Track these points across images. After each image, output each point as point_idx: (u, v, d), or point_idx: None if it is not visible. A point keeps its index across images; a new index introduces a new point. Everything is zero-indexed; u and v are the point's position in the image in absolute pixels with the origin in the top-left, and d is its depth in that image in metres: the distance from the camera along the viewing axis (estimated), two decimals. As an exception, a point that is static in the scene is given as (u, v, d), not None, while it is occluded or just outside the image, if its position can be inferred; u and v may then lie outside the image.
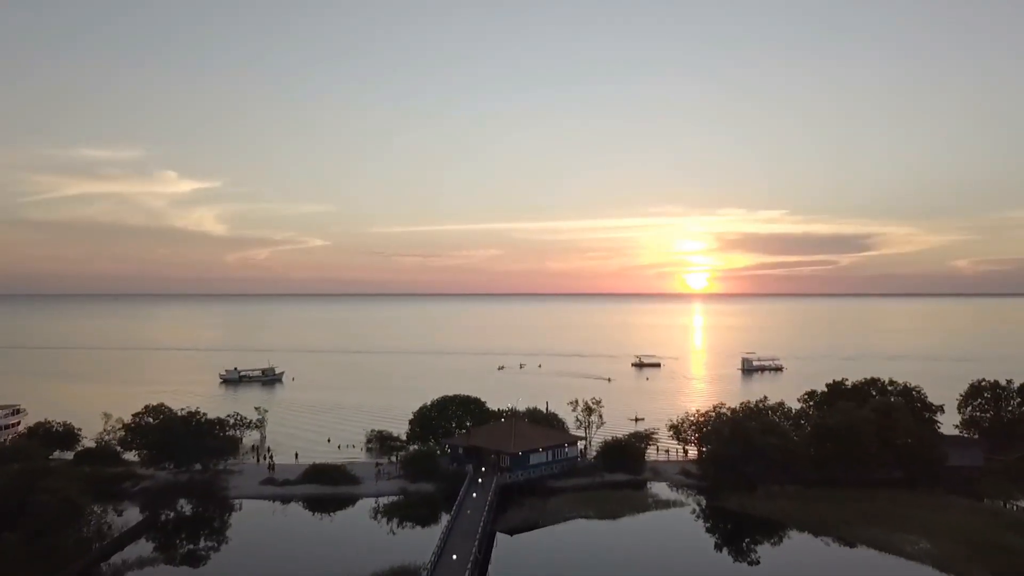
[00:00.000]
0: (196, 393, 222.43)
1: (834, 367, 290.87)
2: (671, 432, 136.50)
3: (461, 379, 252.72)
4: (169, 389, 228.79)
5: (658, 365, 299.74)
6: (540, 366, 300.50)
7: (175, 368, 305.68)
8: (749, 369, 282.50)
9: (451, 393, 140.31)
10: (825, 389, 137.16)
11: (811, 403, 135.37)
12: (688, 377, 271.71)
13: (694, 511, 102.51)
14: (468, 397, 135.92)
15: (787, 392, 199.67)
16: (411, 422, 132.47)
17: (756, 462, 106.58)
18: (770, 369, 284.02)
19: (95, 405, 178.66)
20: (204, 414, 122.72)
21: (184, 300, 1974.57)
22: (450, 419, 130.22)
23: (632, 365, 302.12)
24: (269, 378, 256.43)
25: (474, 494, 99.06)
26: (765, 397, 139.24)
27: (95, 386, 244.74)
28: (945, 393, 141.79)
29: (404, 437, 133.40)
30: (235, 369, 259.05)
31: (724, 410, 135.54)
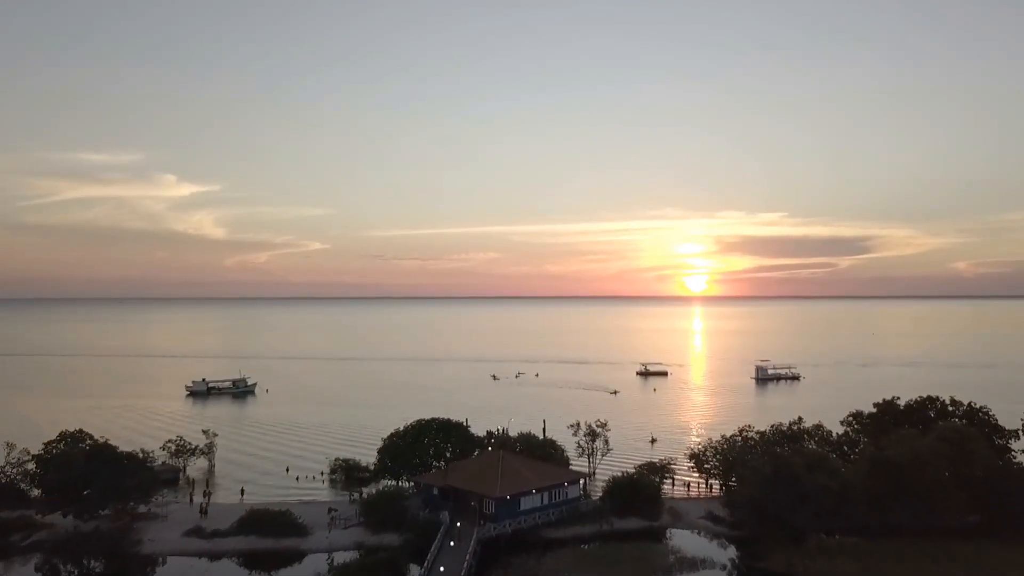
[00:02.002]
0: (154, 408, 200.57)
1: (852, 375, 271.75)
2: (691, 463, 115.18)
3: (451, 390, 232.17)
4: (124, 403, 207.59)
5: (665, 374, 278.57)
6: (537, 375, 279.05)
7: (145, 378, 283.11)
8: (764, 378, 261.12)
9: (436, 408, 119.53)
10: (874, 410, 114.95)
11: (857, 427, 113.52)
12: (698, 387, 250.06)
13: (726, 568, 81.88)
14: (449, 421, 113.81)
15: (808, 405, 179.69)
16: (380, 451, 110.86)
17: (804, 507, 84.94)
18: (786, 378, 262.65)
19: (22, 427, 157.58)
20: (115, 447, 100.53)
21: (183, 304, 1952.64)
22: (426, 448, 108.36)
23: (637, 374, 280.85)
24: (240, 390, 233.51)
25: (448, 555, 77.84)
26: (800, 418, 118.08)
27: (38, 400, 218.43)
28: (994, 407, 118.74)
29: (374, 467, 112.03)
30: (203, 380, 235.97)
31: (752, 434, 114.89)
